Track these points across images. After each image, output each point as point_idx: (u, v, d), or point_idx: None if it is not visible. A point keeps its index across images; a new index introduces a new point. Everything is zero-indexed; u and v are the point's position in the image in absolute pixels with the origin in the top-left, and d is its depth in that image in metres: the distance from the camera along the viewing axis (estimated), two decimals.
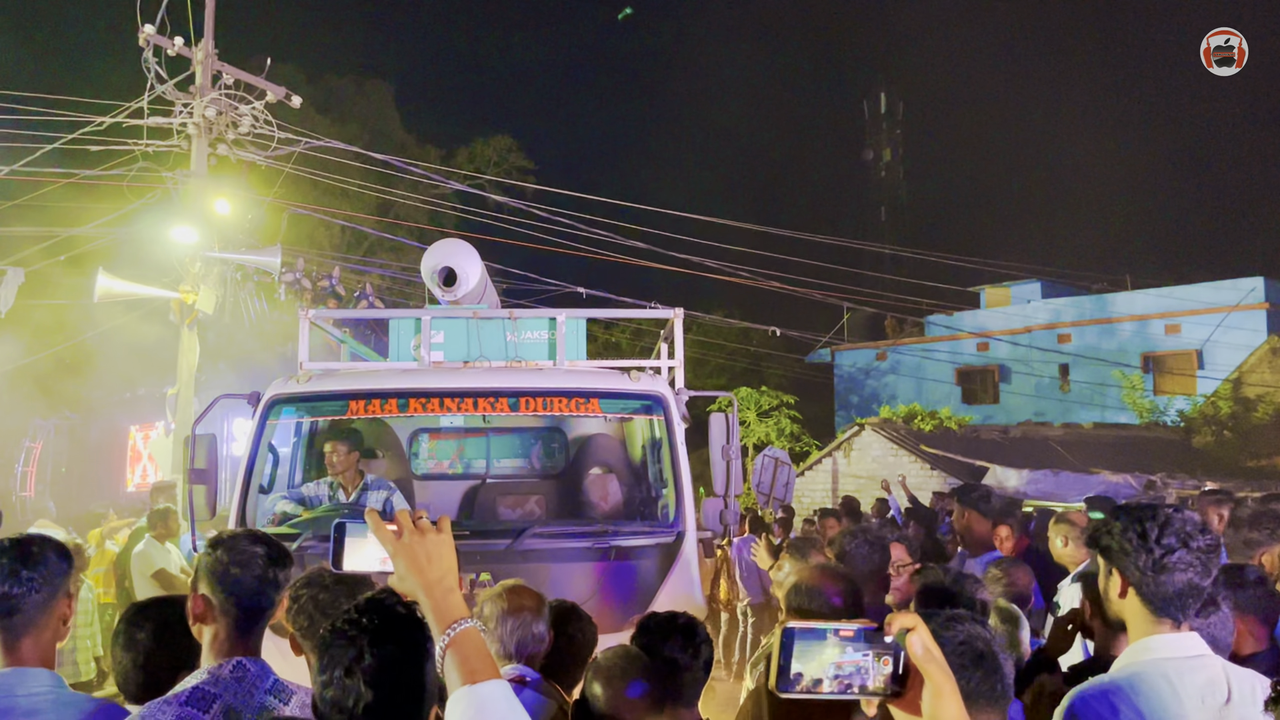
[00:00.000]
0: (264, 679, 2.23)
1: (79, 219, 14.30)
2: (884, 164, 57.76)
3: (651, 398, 5.43)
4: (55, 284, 15.03)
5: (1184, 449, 19.95)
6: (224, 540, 2.34)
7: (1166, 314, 25.20)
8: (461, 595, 1.84)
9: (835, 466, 20.55)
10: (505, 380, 5.42)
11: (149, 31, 12.12)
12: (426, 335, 5.77)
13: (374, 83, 32.53)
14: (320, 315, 6.45)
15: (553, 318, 5.89)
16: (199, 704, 2.12)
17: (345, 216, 21.99)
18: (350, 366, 6.45)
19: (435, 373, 5.59)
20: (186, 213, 12.23)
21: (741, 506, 18.25)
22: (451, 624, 1.76)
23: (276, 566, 2.33)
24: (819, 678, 1.35)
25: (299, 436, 6.09)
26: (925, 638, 1.37)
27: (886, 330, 31.35)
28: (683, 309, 6.18)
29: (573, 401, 5.36)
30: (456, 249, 6.19)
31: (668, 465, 5.30)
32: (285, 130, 13.34)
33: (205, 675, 2.19)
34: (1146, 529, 2.16)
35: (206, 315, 12.19)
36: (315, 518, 5.22)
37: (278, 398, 5.30)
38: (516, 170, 31.76)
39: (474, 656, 1.73)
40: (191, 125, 12.46)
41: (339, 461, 5.47)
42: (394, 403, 5.30)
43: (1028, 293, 29.15)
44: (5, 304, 11.98)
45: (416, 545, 1.81)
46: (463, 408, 5.33)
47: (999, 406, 27.58)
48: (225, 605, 2.25)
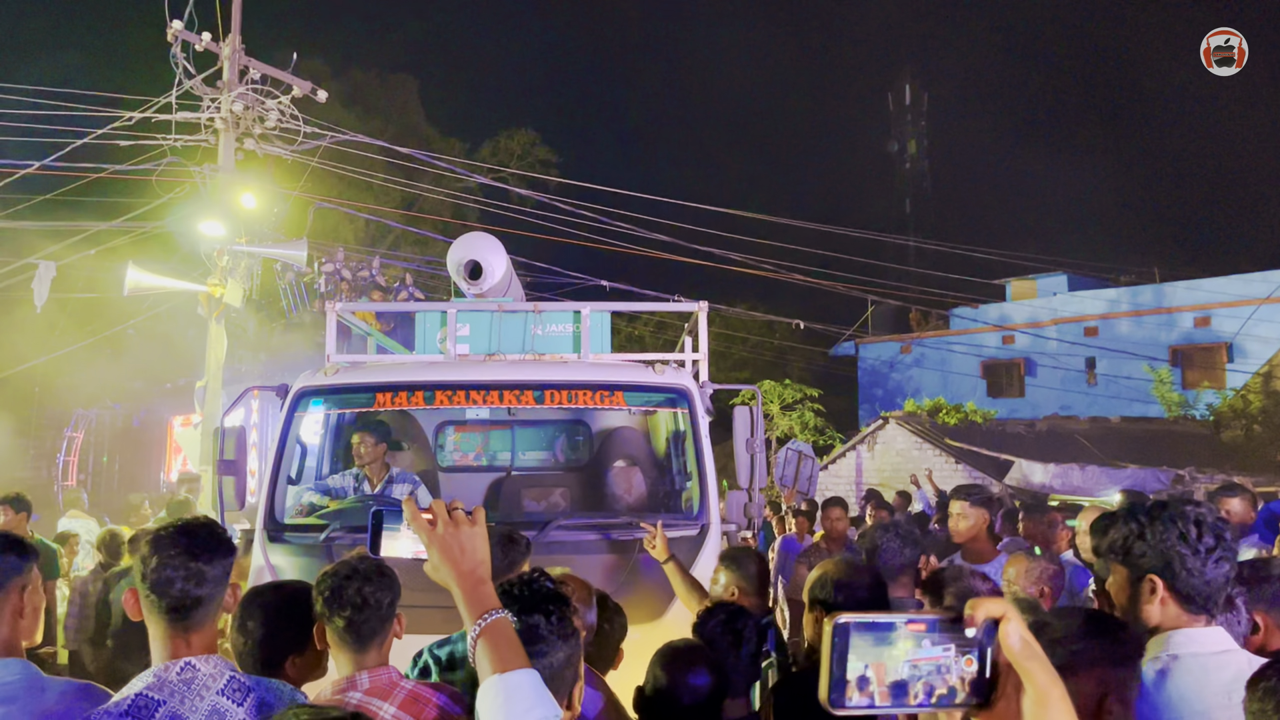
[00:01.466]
0: (216, 679, 2.13)
1: (109, 213, 14.48)
2: (908, 156, 57.45)
3: (676, 390, 5.44)
4: (87, 278, 15.22)
5: (1213, 443, 19.73)
6: (148, 534, 2.22)
7: (1196, 306, 24.92)
8: (492, 586, 1.87)
9: (859, 460, 20.49)
10: (531, 373, 5.43)
11: (177, 27, 12.24)
12: (452, 328, 5.76)
13: (399, 77, 32.68)
14: (346, 308, 6.50)
15: (577, 311, 5.89)
16: (139, 713, 2.01)
17: (370, 210, 22.13)
18: (377, 359, 6.47)
19: (461, 365, 5.61)
20: (214, 207, 12.36)
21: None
22: (483, 614, 1.79)
23: (203, 558, 2.18)
24: (883, 684, 1.03)
25: (326, 428, 6.13)
26: (1023, 630, 1.07)
27: (911, 323, 31.18)
28: (707, 302, 6.17)
29: (597, 394, 5.37)
30: (482, 242, 6.20)
31: (691, 458, 5.30)
32: (311, 124, 13.45)
33: (151, 678, 2.09)
34: (1186, 530, 2.12)
35: (241, 308, 12.32)
36: (342, 509, 5.25)
37: (306, 390, 5.35)
38: (540, 164, 31.79)
39: (504, 646, 1.76)
40: (219, 120, 12.59)
41: (367, 453, 5.50)
42: (420, 395, 5.34)
43: (1054, 285, 28.90)
44: (40, 298, 12.16)
45: (450, 536, 1.84)
46: (489, 400, 5.36)
47: (1024, 400, 27.38)
48: (154, 602, 2.14)
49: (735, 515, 5.23)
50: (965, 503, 4.73)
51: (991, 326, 28.20)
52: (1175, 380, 23.62)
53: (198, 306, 12.46)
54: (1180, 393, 22.95)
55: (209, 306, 12.16)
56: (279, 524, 4.99)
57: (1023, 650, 1.06)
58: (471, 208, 25.08)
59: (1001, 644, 1.06)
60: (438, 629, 2.82)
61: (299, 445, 5.54)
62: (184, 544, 2.18)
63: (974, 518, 4.70)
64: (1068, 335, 26.50)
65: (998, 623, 1.06)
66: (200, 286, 12.15)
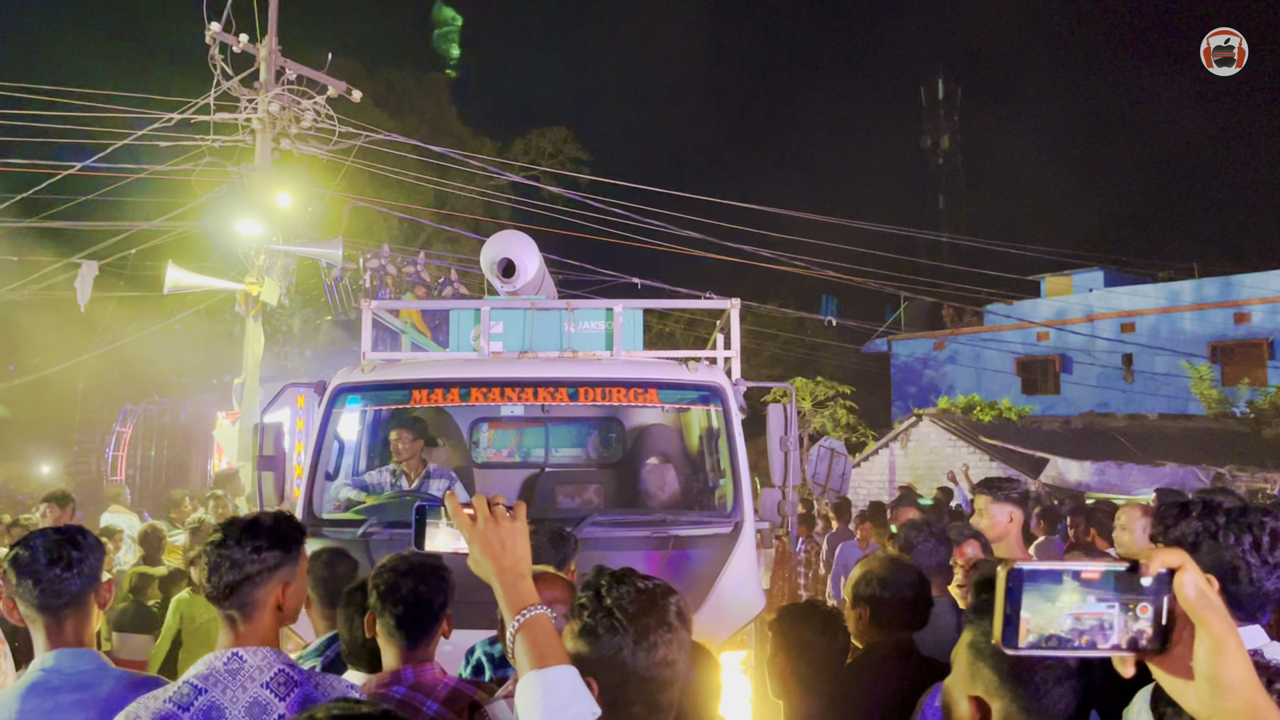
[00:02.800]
0: (264, 670, 2.14)
1: (149, 213, 14.71)
2: (942, 151, 56.94)
3: (709, 388, 5.43)
4: (128, 276, 15.48)
5: (1254, 440, 19.40)
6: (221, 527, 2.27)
7: (1235, 302, 24.53)
8: (532, 582, 1.89)
9: (892, 458, 20.37)
10: (565, 370, 5.46)
11: (215, 29, 12.40)
12: (486, 326, 5.80)
13: (432, 76, 32.91)
14: (382, 306, 6.56)
15: (610, 308, 5.91)
16: (180, 701, 2.05)
17: (403, 209, 22.29)
18: (412, 357, 6.53)
19: (496, 363, 5.64)
20: (251, 206, 12.52)
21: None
22: (522, 609, 1.81)
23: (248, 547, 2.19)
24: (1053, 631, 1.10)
25: (363, 425, 6.18)
26: (1199, 579, 1.09)
27: (944, 320, 30.92)
28: (739, 300, 6.16)
29: (631, 391, 5.38)
30: (515, 240, 6.23)
31: (725, 456, 5.30)
32: (345, 124, 13.58)
33: (203, 667, 2.14)
34: (1260, 540, 2.11)
35: (285, 304, 12.46)
36: (379, 504, 5.32)
37: (343, 386, 5.40)
38: (572, 161, 31.84)
39: (544, 642, 1.78)
40: (256, 120, 12.74)
41: (404, 449, 5.56)
42: (456, 392, 5.38)
43: (1090, 281, 28.54)
44: (84, 296, 12.39)
45: (491, 531, 1.86)
46: (523, 397, 5.39)
47: (1060, 397, 27.08)
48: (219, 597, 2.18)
49: (769, 513, 5.24)
50: (987, 497, 4.33)
51: (1026, 323, 27.91)
52: (1215, 377, 23.24)
53: (235, 304, 12.65)
54: (1220, 390, 22.58)
55: (246, 304, 12.33)
56: (317, 519, 5.06)
57: (1198, 600, 1.08)
58: (504, 206, 25.19)
59: (1177, 594, 1.09)
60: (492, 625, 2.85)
61: (336, 441, 5.59)
62: (240, 532, 2.22)
63: (996, 515, 4.30)
64: (1104, 332, 26.16)
65: (1174, 572, 1.09)
66: (238, 285, 12.32)
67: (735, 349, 6.08)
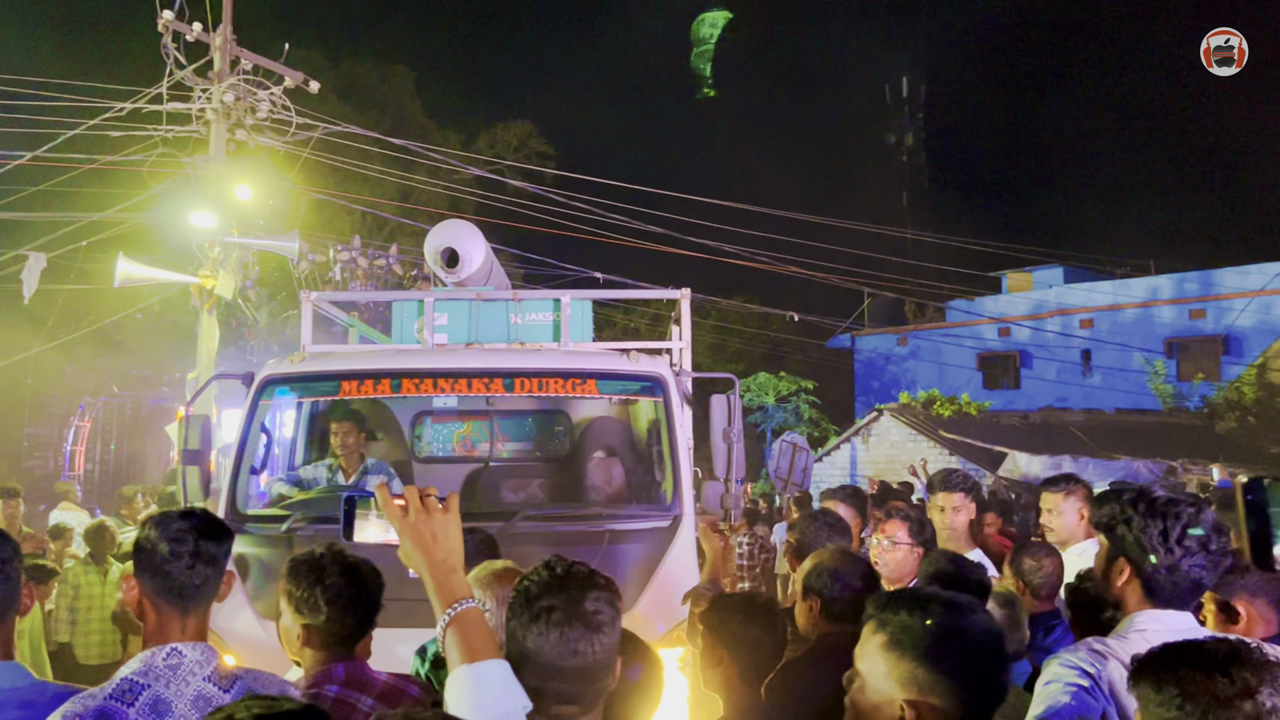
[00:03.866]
0: (203, 666, 2.12)
1: (100, 204, 14.41)
2: (905, 148, 57.34)
3: (650, 378, 5.30)
4: (78, 269, 15.17)
5: (1207, 435, 19.76)
6: (153, 519, 2.23)
7: (1191, 299, 24.95)
8: (464, 575, 1.85)
9: (854, 452, 20.51)
10: (502, 360, 5.33)
11: (168, 17, 12.17)
12: (429, 317, 5.68)
13: (395, 68, 32.55)
14: (323, 298, 6.43)
15: (557, 299, 5.81)
16: (123, 697, 2.01)
17: (365, 202, 22.06)
18: (349, 348, 6.36)
19: (431, 353, 5.53)
20: (206, 198, 12.30)
21: (755, 491, 18.18)
22: (453, 603, 1.77)
23: (210, 541, 2.19)
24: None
25: (300, 418, 6.03)
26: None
27: (907, 315, 31.17)
28: (690, 289, 6.05)
29: (569, 382, 5.22)
30: (459, 230, 6.08)
31: (666, 447, 5.14)
32: (304, 116, 13.38)
33: (138, 664, 2.09)
34: (1168, 528, 2.14)
35: (245, 296, 12.27)
36: (306, 500, 5.16)
37: (271, 378, 5.24)
38: (536, 155, 31.72)
39: (475, 636, 1.74)
40: (210, 111, 12.52)
41: (340, 443, 5.43)
42: (387, 383, 5.22)
43: (1050, 278, 28.90)
44: (29, 288, 12.10)
45: (423, 523, 1.82)
46: (457, 388, 5.25)
47: (1020, 392, 27.40)
48: (157, 587, 2.14)
49: (712, 506, 5.12)
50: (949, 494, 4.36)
51: (987, 319, 28.21)
52: (1170, 372, 23.64)
53: (190, 298, 12.43)
54: (1175, 385, 22.97)
55: (201, 298, 12.12)
56: (240, 515, 4.88)
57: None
58: (468, 199, 25.01)
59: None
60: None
61: (265, 434, 5.42)
62: (190, 525, 2.19)
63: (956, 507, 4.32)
64: (1063, 328, 26.50)
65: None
66: (192, 278, 12.10)
67: (686, 339, 6.01)
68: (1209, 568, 2.15)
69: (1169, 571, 2.14)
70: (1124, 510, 2.22)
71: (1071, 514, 4.21)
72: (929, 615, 1.71)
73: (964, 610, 1.75)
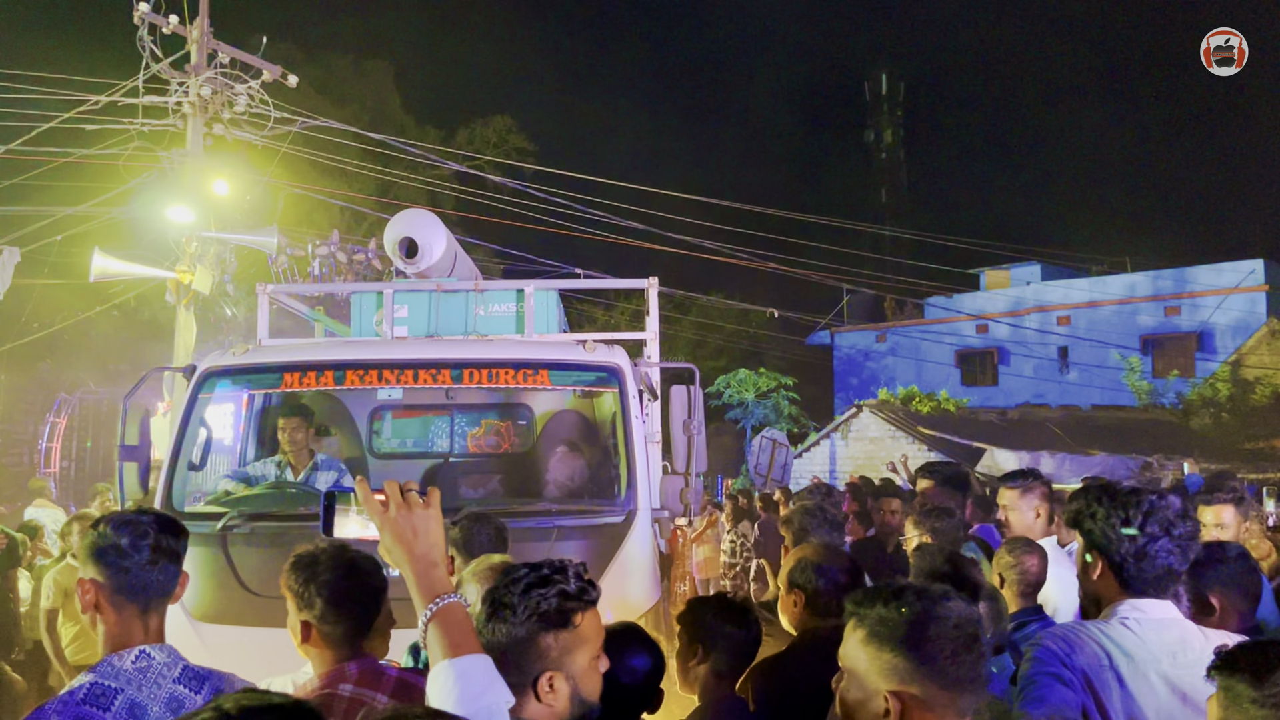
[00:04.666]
0: (171, 667, 2.09)
1: (75, 199, 14.25)
2: (885, 145, 57.52)
3: (605, 369, 5.07)
4: (53, 264, 15.00)
5: (1182, 431, 19.97)
6: (107, 518, 2.17)
7: (1166, 296, 25.19)
8: (445, 570, 1.85)
9: (833, 448, 20.59)
10: (451, 351, 5.16)
11: (144, 9, 12.04)
12: (389, 309, 5.56)
13: (373, 63, 32.33)
14: (280, 290, 6.30)
15: (520, 290, 5.66)
16: (97, 701, 1.96)
17: (344, 197, 21.94)
18: (298, 341, 6.18)
19: (378, 344, 5.40)
20: (182, 192, 12.19)
21: (734, 487, 18.17)
22: (435, 598, 1.77)
23: (169, 536, 2.15)
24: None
25: (250, 413, 5.87)
26: None
27: (886, 312, 31.33)
28: (657, 278, 5.96)
29: (520, 373, 5.02)
30: (418, 219, 5.94)
31: (620, 440, 4.96)
32: (282, 110, 13.28)
33: (104, 668, 2.04)
34: (1130, 515, 2.20)
35: (223, 291, 12.16)
36: (244, 497, 5.00)
37: (211, 370, 5.11)
38: (516, 151, 31.61)
39: (456, 631, 1.74)
40: (187, 104, 12.41)
41: (288, 438, 5.25)
42: (330, 375, 5.06)
43: (1027, 275, 29.11)
44: (3, 285, 11.93)
45: (403, 518, 1.82)
46: (403, 380, 5.10)
47: (998, 389, 27.60)
48: (118, 584, 2.09)
49: (671, 501, 4.93)
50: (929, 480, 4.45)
51: (966, 315, 28.38)
52: (1146, 369, 23.87)
53: (166, 293, 12.32)
54: (1150, 381, 23.20)
55: (178, 293, 12.01)
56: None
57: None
58: (447, 195, 24.92)
59: None
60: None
61: (205, 429, 5.26)
62: (149, 521, 2.15)
63: None
64: (1040, 325, 26.70)
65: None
66: (169, 273, 11.99)
67: (653, 329, 5.92)
68: (1177, 553, 2.19)
69: (1137, 559, 2.18)
70: (1089, 504, 2.27)
71: (1028, 510, 4.22)
72: (904, 604, 1.73)
73: (938, 598, 1.77)
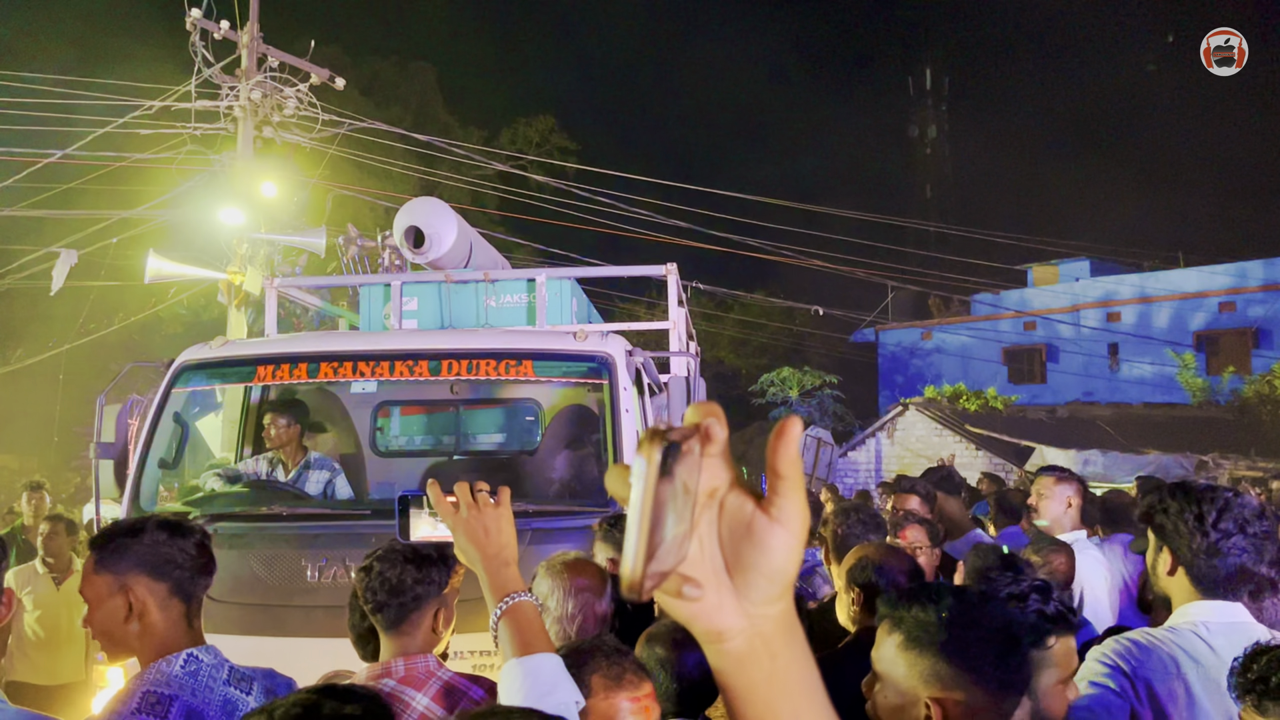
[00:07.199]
0: (219, 669, 2.06)
1: (129, 202, 14.57)
2: (929, 140, 57.00)
3: (595, 359, 4.75)
4: (108, 265, 15.33)
5: (1238, 428, 19.54)
6: (156, 521, 2.15)
7: (1221, 291, 24.67)
8: (517, 568, 1.86)
9: (878, 447, 20.42)
10: (429, 342, 4.97)
11: (195, 16, 12.28)
12: (398, 302, 5.43)
13: (417, 64, 32.67)
14: (288, 284, 6.22)
15: (531, 279, 5.49)
16: (153, 710, 1.92)
17: (389, 198, 22.17)
18: (286, 336, 6.06)
19: (355, 336, 5.30)
20: (233, 194, 12.41)
21: None
22: (506, 596, 1.78)
23: (209, 541, 2.18)
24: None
25: (244, 408, 5.75)
26: None
27: (931, 309, 31.02)
28: (675, 264, 5.80)
29: (502, 364, 4.77)
30: (426, 208, 5.80)
31: (608, 436, 4.68)
32: (329, 112, 13.47)
33: (153, 675, 1.98)
34: (1204, 511, 2.15)
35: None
36: (213, 495, 4.86)
37: (184, 364, 4.94)
38: (559, 150, 31.76)
39: (527, 629, 1.75)
40: (238, 108, 12.63)
41: (277, 435, 5.12)
42: (304, 367, 4.86)
43: (1076, 270, 28.66)
44: (57, 283, 12.24)
45: (475, 518, 1.83)
46: (378, 372, 4.89)
47: (1046, 386, 27.21)
48: (172, 590, 2.06)
49: None
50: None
51: (1013, 312, 28.01)
52: (1199, 366, 23.40)
53: (218, 294, 12.55)
54: (1204, 378, 22.74)
55: (229, 294, 12.23)
56: (142, 511, 4.48)
57: None
58: (490, 195, 25.09)
59: None
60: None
61: (180, 424, 5.09)
62: (198, 528, 2.16)
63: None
64: (1090, 321, 26.27)
65: None
66: (221, 274, 12.20)
67: (674, 317, 5.77)
68: (1250, 550, 2.14)
69: (1209, 556, 2.14)
70: (1163, 500, 2.24)
71: (1060, 500, 4.23)
72: (943, 608, 1.68)
73: (976, 601, 1.74)
